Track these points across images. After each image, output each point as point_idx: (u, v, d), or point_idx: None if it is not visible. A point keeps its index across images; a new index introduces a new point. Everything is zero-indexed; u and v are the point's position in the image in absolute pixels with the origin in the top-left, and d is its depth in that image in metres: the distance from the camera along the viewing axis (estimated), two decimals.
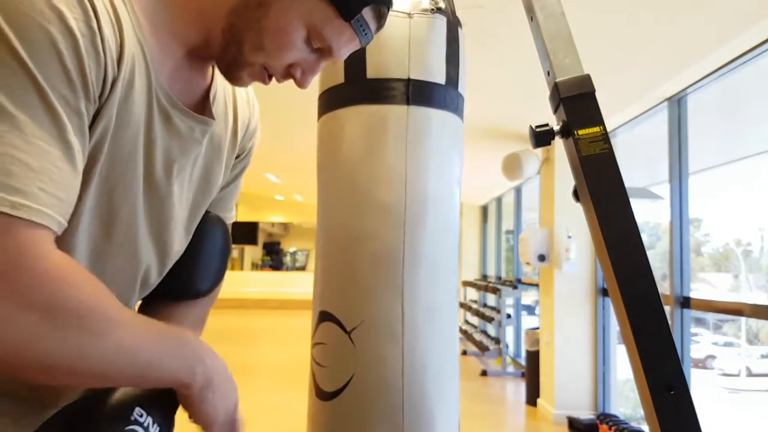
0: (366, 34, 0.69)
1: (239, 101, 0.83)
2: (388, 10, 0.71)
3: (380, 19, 0.69)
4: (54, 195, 0.50)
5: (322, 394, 0.91)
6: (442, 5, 0.94)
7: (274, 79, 0.71)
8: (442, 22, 0.93)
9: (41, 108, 0.49)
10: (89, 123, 0.55)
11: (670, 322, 0.93)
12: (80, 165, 0.54)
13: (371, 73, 0.90)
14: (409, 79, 0.90)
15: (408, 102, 0.90)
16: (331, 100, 0.96)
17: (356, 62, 0.91)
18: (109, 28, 0.55)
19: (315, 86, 1.02)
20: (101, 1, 0.55)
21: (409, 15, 0.92)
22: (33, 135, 0.48)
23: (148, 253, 0.71)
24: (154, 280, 0.76)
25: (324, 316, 0.92)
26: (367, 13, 0.66)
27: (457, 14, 0.99)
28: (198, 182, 0.76)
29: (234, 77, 0.70)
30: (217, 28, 0.66)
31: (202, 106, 0.73)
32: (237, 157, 0.85)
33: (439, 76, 0.92)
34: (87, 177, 0.58)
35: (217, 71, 0.76)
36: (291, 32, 0.65)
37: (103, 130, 0.57)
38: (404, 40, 0.91)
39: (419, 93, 0.91)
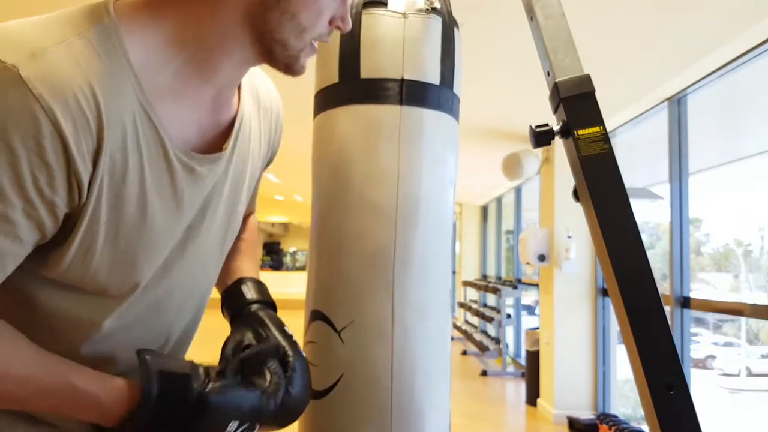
0: None
1: (263, 112, 0.84)
2: None
3: None
4: None
5: (313, 393, 0.91)
6: (437, 5, 0.94)
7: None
8: (437, 22, 0.93)
9: None
10: (73, 208, 0.58)
11: (670, 322, 0.93)
12: None
13: (365, 73, 0.90)
14: (402, 80, 0.90)
15: (401, 102, 0.90)
16: (325, 100, 0.96)
17: (350, 62, 0.91)
18: (83, 131, 0.55)
19: (312, 86, 1.02)
20: (75, 107, 0.54)
21: (404, 15, 0.91)
22: None
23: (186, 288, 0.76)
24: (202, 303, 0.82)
25: (315, 315, 0.92)
26: None
27: (456, 14, 0.99)
28: (226, 203, 0.78)
29: (295, 71, 0.70)
30: (245, 42, 0.65)
31: (227, 134, 0.74)
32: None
33: (433, 77, 0.92)
34: (86, 261, 0.62)
35: (243, 90, 0.77)
36: None
37: (91, 221, 0.60)
38: (398, 40, 0.90)
39: (413, 93, 0.90)
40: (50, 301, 0.65)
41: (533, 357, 5.10)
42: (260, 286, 0.85)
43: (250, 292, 0.84)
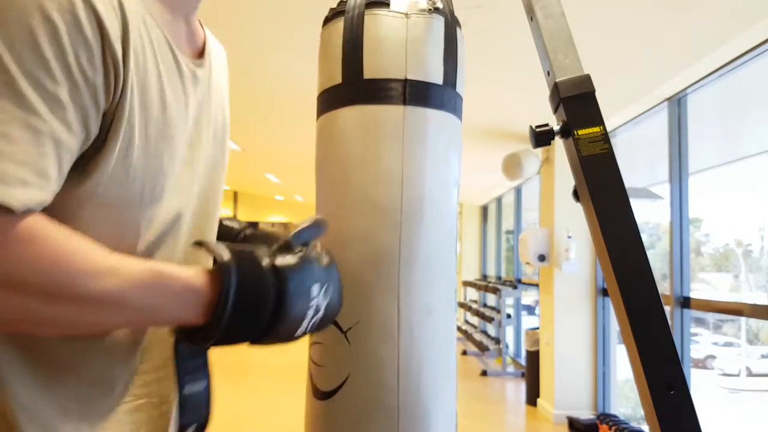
0: None
1: (217, 53, 0.86)
2: None
3: None
4: (15, 175, 0.49)
5: (319, 394, 0.91)
6: (439, 5, 0.94)
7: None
8: (439, 22, 0.93)
9: (10, 97, 0.50)
10: (109, 102, 0.57)
11: (670, 322, 0.93)
12: (52, 146, 0.53)
13: (368, 73, 0.90)
14: (405, 80, 0.90)
15: (405, 102, 0.90)
16: (328, 101, 0.96)
17: (353, 62, 0.91)
18: (110, 13, 0.56)
19: (315, 86, 1.02)
20: None
21: (406, 15, 0.91)
22: None
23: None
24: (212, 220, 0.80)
25: None
26: None
27: (457, 14, 0.99)
28: (214, 126, 0.78)
29: None
30: None
31: (201, 54, 0.77)
32: None
33: (436, 77, 0.92)
34: (126, 153, 0.59)
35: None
36: None
37: (129, 115, 0.59)
38: (401, 40, 0.90)
39: (416, 93, 0.90)
40: (87, 224, 0.60)
41: (533, 357, 5.10)
42: (240, 222, 0.87)
43: (236, 224, 0.86)
